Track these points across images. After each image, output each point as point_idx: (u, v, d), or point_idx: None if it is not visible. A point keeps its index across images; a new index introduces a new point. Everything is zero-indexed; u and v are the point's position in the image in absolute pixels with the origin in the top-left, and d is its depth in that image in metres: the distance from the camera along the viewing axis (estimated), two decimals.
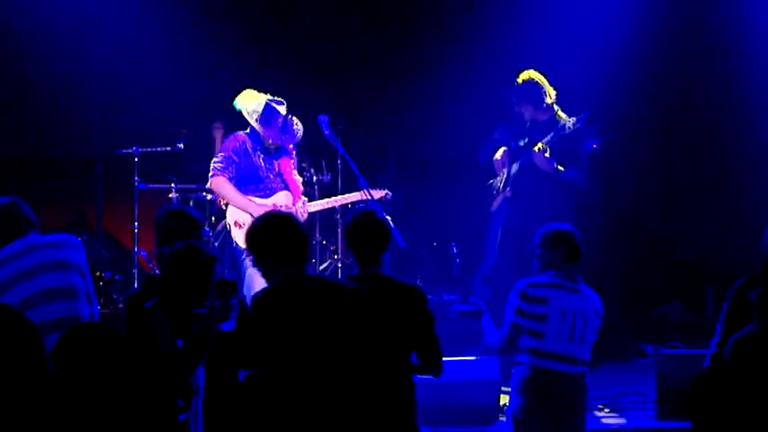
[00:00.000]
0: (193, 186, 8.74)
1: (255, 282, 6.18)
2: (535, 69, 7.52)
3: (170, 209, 5.29)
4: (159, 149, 8.91)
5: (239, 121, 7.38)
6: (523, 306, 5.19)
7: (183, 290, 4.51)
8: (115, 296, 8.92)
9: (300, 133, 7.32)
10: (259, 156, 7.26)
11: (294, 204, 7.33)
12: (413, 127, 9.89)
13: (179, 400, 4.43)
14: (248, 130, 7.28)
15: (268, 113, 7.20)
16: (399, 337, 4.63)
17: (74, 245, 5.23)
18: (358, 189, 7.40)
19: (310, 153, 9.16)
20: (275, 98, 7.28)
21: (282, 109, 7.23)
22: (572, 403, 5.21)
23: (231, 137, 7.28)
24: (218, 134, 9.14)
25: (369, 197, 7.24)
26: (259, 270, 4.49)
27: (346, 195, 7.68)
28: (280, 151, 7.36)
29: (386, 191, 7.62)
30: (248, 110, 7.23)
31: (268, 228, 4.44)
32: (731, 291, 4.89)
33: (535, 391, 5.15)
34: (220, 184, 7.18)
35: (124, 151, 8.83)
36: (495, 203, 7.77)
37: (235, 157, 7.18)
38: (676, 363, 6.46)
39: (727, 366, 3.98)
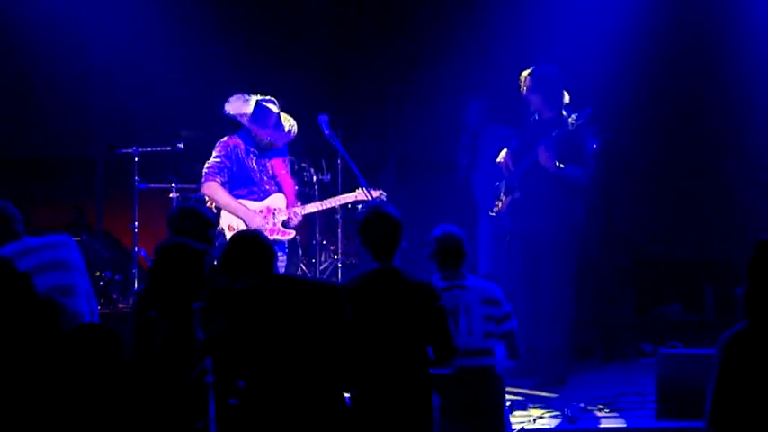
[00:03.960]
0: (193, 186, 8.73)
1: None
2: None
3: (183, 207, 5.29)
4: (159, 149, 8.91)
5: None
6: None
7: (175, 286, 4.43)
8: (115, 296, 8.91)
9: (294, 131, 7.29)
10: (252, 158, 7.24)
11: (288, 207, 7.31)
12: (413, 127, 9.88)
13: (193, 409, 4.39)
14: (240, 133, 7.27)
15: (260, 112, 7.20)
16: (413, 332, 4.70)
17: (70, 245, 5.23)
18: (356, 188, 7.40)
19: (310, 153, 9.16)
20: (266, 97, 7.28)
21: (274, 107, 7.23)
22: (481, 398, 5.23)
23: (222, 141, 7.25)
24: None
25: (367, 197, 7.22)
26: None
27: (342, 196, 7.66)
28: (273, 151, 7.34)
29: (380, 191, 7.61)
30: (239, 112, 7.21)
31: (232, 251, 4.44)
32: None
33: (448, 392, 5.09)
34: (212, 189, 7.16)
35: (124, 151, 8.83)
36: (502, 206, 7.57)
37: (227, 162, 7.16)
38: (676, 363, 6.43)
39: (719, 365, 3.97)
